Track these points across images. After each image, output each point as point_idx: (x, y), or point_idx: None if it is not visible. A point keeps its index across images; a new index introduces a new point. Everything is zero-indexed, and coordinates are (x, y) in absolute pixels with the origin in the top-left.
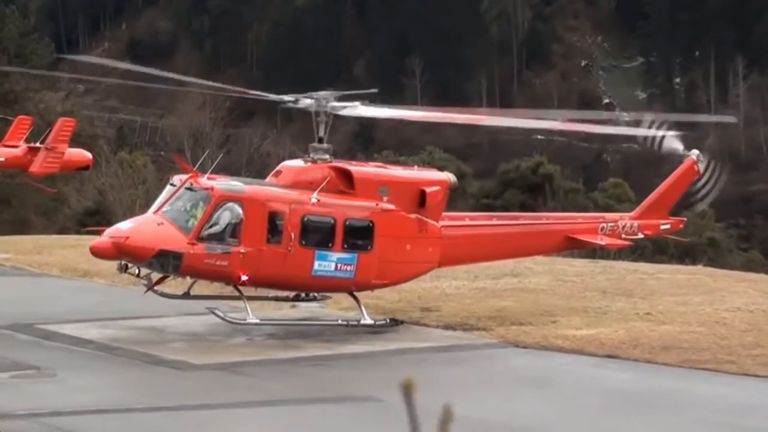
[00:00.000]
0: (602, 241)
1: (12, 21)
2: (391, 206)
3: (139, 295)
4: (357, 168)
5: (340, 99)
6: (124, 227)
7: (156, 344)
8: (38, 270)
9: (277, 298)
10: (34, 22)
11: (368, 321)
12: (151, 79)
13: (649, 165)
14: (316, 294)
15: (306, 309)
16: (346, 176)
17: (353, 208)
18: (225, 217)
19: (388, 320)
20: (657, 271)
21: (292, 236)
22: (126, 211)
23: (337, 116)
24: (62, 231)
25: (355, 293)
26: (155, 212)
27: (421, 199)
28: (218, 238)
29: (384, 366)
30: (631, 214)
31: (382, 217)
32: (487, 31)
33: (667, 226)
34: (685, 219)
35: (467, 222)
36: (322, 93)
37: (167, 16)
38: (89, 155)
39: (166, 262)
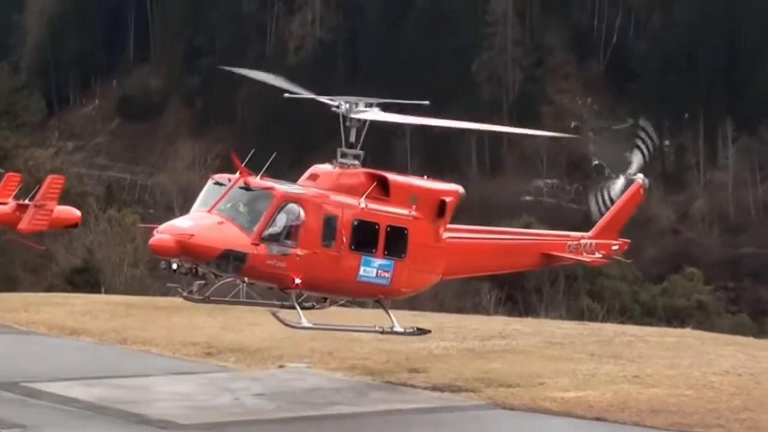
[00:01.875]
0: (578, 256)
1: (2, 77)
2: (419, 215)
3: (127, 354)
4: (392, 175)
5: (369, 105)
6: (184, 225)
7: (142, 403)
8: (25, 328)
9: (272, 304)
10: (25, 79)
11: (399, 329)
12: (141, 137)
13: (637, 226)
14: (314, 303)
15: (294, 369)
16: (381, 183)
17: (393, 215)
18: (285, 218)
19: (416, 329)
20: (645, 333)
21: (344, 240)
22: (114, 269)
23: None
24: (50, 288)
25: (383, 301)
26: (209, 211)
27: (440, 209)
28: (278, 239)
29: (370, 427)
30: (589, 234)
31: (413, 225)
32: (478, 92)
33: (617, 247)
34: (629, 241)
35: (462, 234)
36: (352, 98)
37: (158, 73)
38: (78, 213)
39: (229, 262)
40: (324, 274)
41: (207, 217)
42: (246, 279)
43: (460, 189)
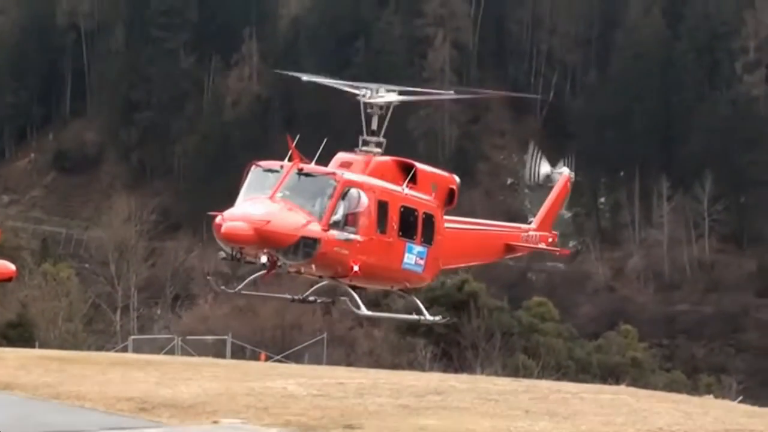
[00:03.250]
0: (538, 244)
1: None
2: (438, 202)
3: (60, 409)
4: (418, 163)
5: (392, 92)
6: (255, 211)
7: None
8: None
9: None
10: None
11: (429, 318)
12: (76, 191)
13: (573, 284)
14: (316, 297)
15: (228, 425)
16: (407, 170)
17: (426, 202)
18: (348, 204)
19: (443, 318)
20: (580, 390)
21: (394, 227)
22: (49, 324)
23: None
24: None
25: (409, 290)
26: (270, 197)
27: (449, 197)
28: (342, 225)
29: None
30: (533, 226)
31: (437, 213)
32: (415, 148)
33: (551, 239)
34: (556, 233)
35: (448, 223)
36: (373, 85)
37: (94, 127)
38: (13, 267)
39: (302, 249)
40: (378, 261)
41: (274, 204)
42: (313, 267)
43: (456, 177)
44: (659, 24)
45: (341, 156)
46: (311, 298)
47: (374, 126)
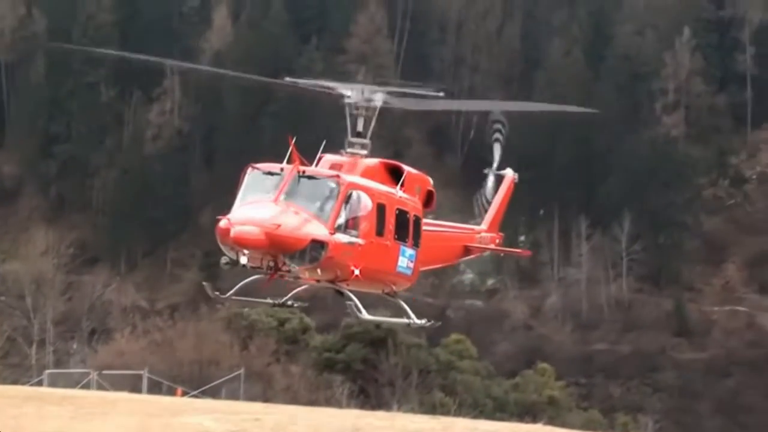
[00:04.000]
0: (488, 245)
1: None
2: (420, 205)
3: None
4: (404, 165)
5: (381, 93)
6: (263, 215)
7: None
8: None
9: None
10: None
11: (418, 322)
12: None
13: (491, 321)
14: (294, 301)
15: None
16: (393, 172)
17: (415, 204)
18: (351, 207)
19: (432, 322)
20: (497, 429)
21: (391, 230)
22: None
23: None
24: None
25: (396, 293)
26: (274, 200)
27: (429, 199)
28: (346, 228)
29: None
30: (484, 228)
31: (421, 215)
32: None
33: (498, 241)
34: (502, 234)
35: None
36: (360, 85)
37: (13, 159)
38: None
39: (311, 254)
40: (376, 265)
41: (280, 207)
42: (319, 271)
43: (429, 179)
44: (580, 64)
45: (329, 158)
46: (290, 303)
47: (360, 128)
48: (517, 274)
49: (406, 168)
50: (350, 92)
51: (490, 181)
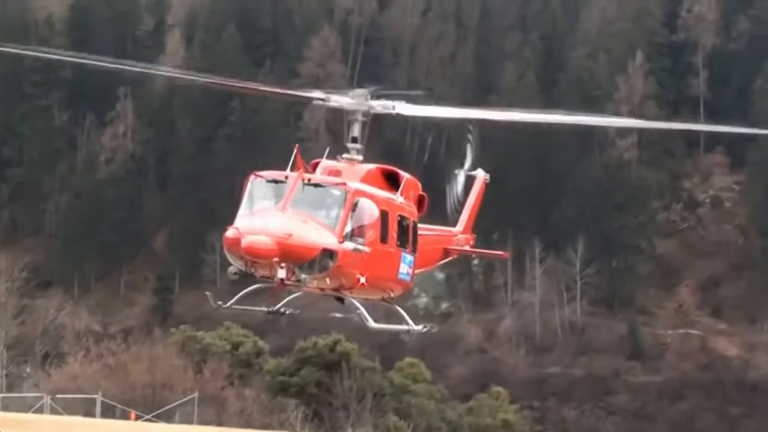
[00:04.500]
0: (464, 246)
1: None
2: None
3: None
4: (401, 170)
5: (378, 98)
6: (273, 224)
7: None
8: None
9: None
10: None
11: (416, 328)
12: None
13: (445, 345)
14: (286, 310)
15: None
16: (390, 178)
17: (413, 210)
18: (358, 215)
19: (430, 327)
20: None
21: (394, 236)
22: None
23: None
24: None
25: (394, 299)
26: (282, 209)
27: (420, 203)
28: (353, 236)
29: None
30: (459, 229)
31: (417, 220)
32: None
33: (472, 242)
34: (474, 236)
35: None
36: (359, 90)
37: None
38: None
39: (321, 263)
40: (381, 273)
41: (289, 216)
42: (327, 280)
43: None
44: (533, 88)
45: (326, 163)
46: (282, 310)
47: (356, 133)
48: (471, 297)
49: (403, 173)
50: (346, 98)
51: (461, 181)
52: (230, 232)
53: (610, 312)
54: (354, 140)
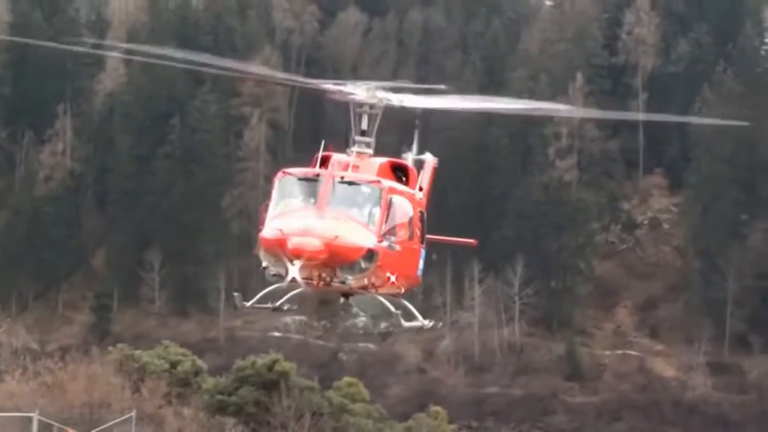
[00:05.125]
0: None
1: None
2: None
3: None
4: (407, 162)
5: (386, 90)
6: (319, 225)
7: None
8: None
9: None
10: None
11: (425, 322)
12: None
13: (384, 364)
14: (290, 305)
15: None
16: (398, 171)
17: (425, 204)
18: (392, 213)
19: (434, 322)
20: None
21: (417, 233)
22: None
23: None
24: None
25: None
26: (320, 209)
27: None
28: (389, 235)
29: None
30: None
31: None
32: (228, 227)
33: None
34: None
35: None
36: (369, 83)
37: None
38: None
39: (363, 263)
40: (407, 270)
41: (331, 216)
42: (365, 280)
43: None
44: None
45: (338, 157)
46: (285, 307)
47: (365, 126)
48: (410, 317)
49: (411, 167)
50: (356, 90)
51: (410, 164)
52: (272, 233)
53: (549, 332)
54: (363, 133)
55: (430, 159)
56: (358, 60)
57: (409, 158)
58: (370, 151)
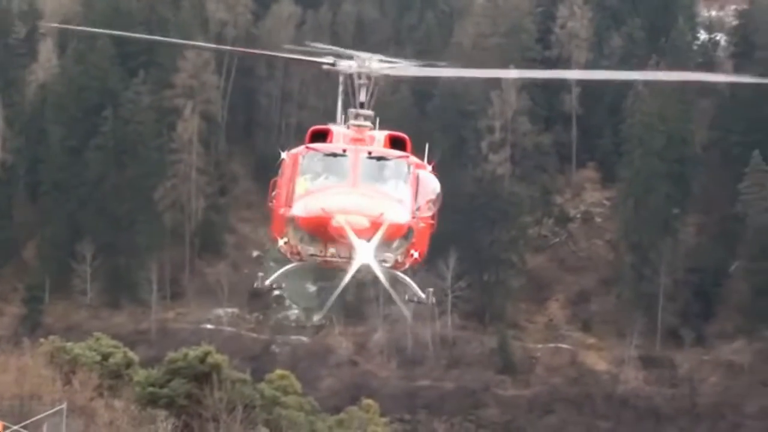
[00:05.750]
0: None
1: None
2: None
3: None
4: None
5: (381, 62)
6: (367, 203)
7: None
8: None
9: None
10: None
11: (422, 295)
12: None
13: (317, 357)
14: (275, 286)
15: None
16: (397, 144)
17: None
18: (421, 189)
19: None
20: None
21: (432, 208)
22: None
23: None
24: None
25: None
26: (354, 185)
27: None
28: (417, 211)
29: None
30: None
31: None
32: (160, 219)
33: None
34: None
35: None
36: (364, 54)
37: None
38: None
39: (403, 240)
40: (424, 246)
41: (368, 192)
42: (399, 258)
43: None
44: (408, 101)
45: (341, 131)
46: (274, 286)
47: (362, 98)
48: (343, 310)
49: (407, 138)
50: (352, 62)
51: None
52: (312, 211)
53: (481, 326)
54: (362, 105)
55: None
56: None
57: None
58: (369, 123)
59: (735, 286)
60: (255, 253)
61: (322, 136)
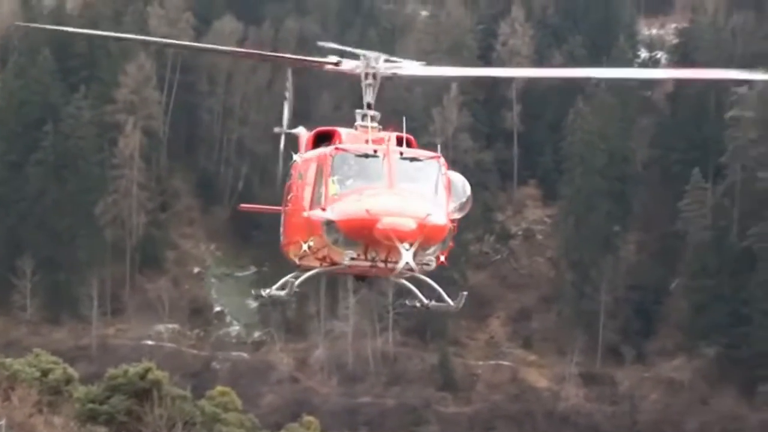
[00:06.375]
0: None
1: None
2: None
3: None
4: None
5: (386, 62)
6: (412, 205)
7: None
8: None
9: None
10: None
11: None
12: None
13: (257, 374)
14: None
15: None
16: (406, 144)
17: None
18: (453, 190)
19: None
20: None
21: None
22: None
23: None
24: None
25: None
26: (391, 186)
27: None
28: (450, 212)
29: None
30: None
31: None
32: (101, 234)
33: None
34: None
35: None
36: (370, 53)
37: None
38: None
39: (443, 241)
40: (447, 251)
41: (408, 194)
42: (433, 261)
43: None
44: (350, 117)
45: (349, 132)
46: (277, 295)
47: (369, 98)
48: (284, 326)
49: (414, 139)
50: (357, 63)
51: (283, 140)
52: (357, 214)
53: (422, 342)
54: (369, 106)
55: (303, 132)
56: (233, 68)
57: (282, 134)
58: (376, 123)
59: (675, 304)
60: (196, 269)
61: (326, 138)
